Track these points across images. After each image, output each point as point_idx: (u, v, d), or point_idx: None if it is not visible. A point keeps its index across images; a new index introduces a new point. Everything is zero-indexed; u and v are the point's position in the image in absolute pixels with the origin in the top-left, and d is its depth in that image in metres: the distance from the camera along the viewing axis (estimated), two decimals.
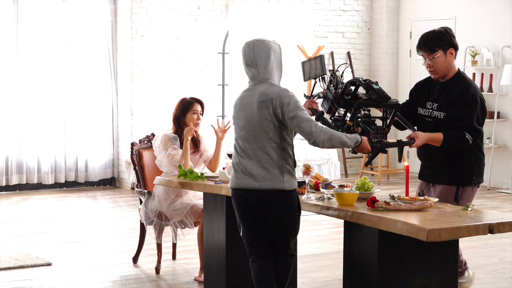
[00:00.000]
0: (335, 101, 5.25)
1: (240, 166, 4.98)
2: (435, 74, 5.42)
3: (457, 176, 5.43)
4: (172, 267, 7.24)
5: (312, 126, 4.83)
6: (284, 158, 4.94)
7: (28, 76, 11.61)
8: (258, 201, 4.95)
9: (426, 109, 5.50)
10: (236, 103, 5.06)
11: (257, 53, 4.95)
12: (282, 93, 4.88)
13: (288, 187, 4.94)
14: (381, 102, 5.17)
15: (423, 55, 5.41)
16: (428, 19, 13.20)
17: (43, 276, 6.90)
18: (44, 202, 10.88)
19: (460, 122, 5.28)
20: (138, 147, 7.24)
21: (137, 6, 11.86)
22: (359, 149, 5.05)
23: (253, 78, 5.00)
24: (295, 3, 13.00)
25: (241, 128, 4.99)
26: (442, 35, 5.37)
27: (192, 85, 12.27)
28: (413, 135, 5.28)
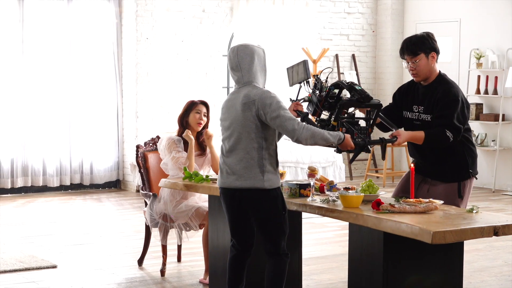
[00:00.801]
0: (320, 104, 5.41)
1: (225, 166, 5.19)
2: (418, 76, 5.55)
3: (455, 172, 5.54)
4: (177, 270, 7.25)
5: (294, 124, 5.02)
6: (265, 158, 5.12)
7: (33, 79, 11.63)
8: (241, 199, 5.16)
9: (413, 113, 5.62)
10: (223, 106, 5.27)
11: (241, 57, 5.16)
12: (264, 94, 5.07)
13: (268, 186, 5.09)
14: (363, 102, 5.32)
15: (406, 58, 5.55)
16: (433, 21, 13.21)
17: (48, 278, 6.91)
18: (49, 204, 10.90)
19: (440, 120, 5.41)
20: (143, 149, 7.25)
21: (142, 9, 11.88)
22: (342, 146, 5.19)
23: (238, 81, 5.21)
24: (300, 6, 13.01)
25: (226, 129, 5.20)
26: (424, 39, 5.55)
27: (196, 87, 12.29)
28: (395, 133, 5.43)
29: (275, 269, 5.21)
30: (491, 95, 12.26)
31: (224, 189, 5.25)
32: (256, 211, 5.16)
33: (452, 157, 5.53)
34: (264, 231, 5.20)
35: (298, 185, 5.49)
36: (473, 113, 12.39)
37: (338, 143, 5.15)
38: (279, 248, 5.20)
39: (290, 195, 5.48)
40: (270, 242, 5.20)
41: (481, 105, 12.42)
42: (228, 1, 12.52)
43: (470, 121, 12.31)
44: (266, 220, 5.16)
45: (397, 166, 13.66)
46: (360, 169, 13.92)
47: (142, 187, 7.21)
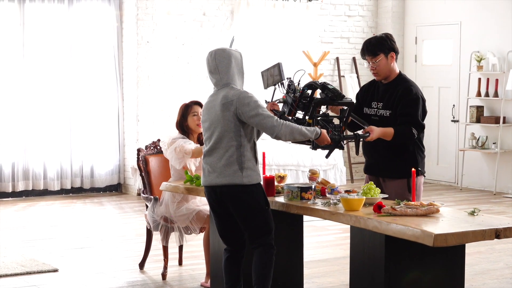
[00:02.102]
0: (295, 104, 5.59)
1: (206, 164, 5.37)
2: (378, 76, 5.81)
3: (405, 168, 5.66)
4: (179, 273, 7.25)
5: (273, 121, 5.21)
6: (244, 155, 5.27)
7: (34, 82, 11.63)
8: (221, 196, 5.31)
9: (372, 109, 5.85)
10: (204, 108, 5.46)
11: (219, 60, 5.35)
12: (241, 94, 5.26)
13: (247, 182, 5.25)
14: (336, 100, 5.53)
15: (366, 58, 5.79)
16: (434, 24, 13.21)
17: (49, 282, 6.91)
18: (50, 208, 10.89)
19: (406, 118, 5.65)
20: (144, 153, 7.25)
21: (142, 12, 11.88)
22: (319, 141, 5.39)
23: (216, 84, 5.40)
24: (301, 9, 13.01)
25: (206, 130, 5.39)
26: (383, 40, 5.78)
27: (197, 91, 12.28)
28: (368, 129, 5.61)
29: (260, 260, 5.31)
30: (491, 97, 12.25)
31: (207, 187, 5.41)
32: (237, 207, 5.30)
33: (403, 154, 5.74)
34: (247, 227, 5.33)
35: (299, 188, 5.50)
36: (474, 115, 12.38)
37: (315, 138, 5.35)
38: (264, 243, 5.32)
39: (291, 198, 5.48)
40: (254, 238, 5.34)
41: (481, 108, 12.42)
42: (228, 4, 12.53)
43: (471, 123, 12.37)
44: (248, 216, 5.30)
45: None
46: (361, 172, 13.92)
47: (143, 191, 7.21)
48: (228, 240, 5.50)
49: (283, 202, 5.51)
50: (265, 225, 5.33)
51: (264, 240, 5.33)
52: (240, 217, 5.34)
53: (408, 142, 5.71)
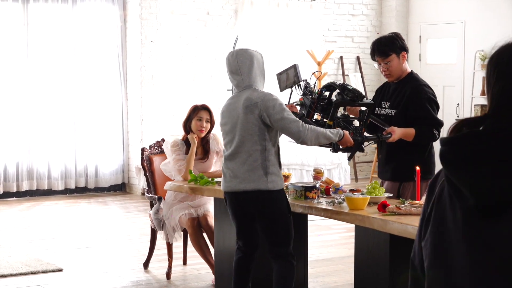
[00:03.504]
0: (313, 106, 5.48)
1: (228, 169, 5.22)
2: (391, 77, 5.68)
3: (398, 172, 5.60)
4: (183, 272, 7.25)
5: (299, 126, 5.06)
6: (269, 160, 5.12)
7: (38, 82, 11.64)
8: (245, 202, 5.18)
9: (381, 108, 5.75)
10: (223, 110, 5.31)
11: (241, 61, 5.21)
12: (266, 97, 5.11)
13: (272, 188, 5.11)
14: (357, 100, 5.41)
15: (377, 60, 5.64)
16: (438, 23, 13.20)
17: (54, 282, 6.91)
18: (54, 208, 10.90)
19: (424, 121, 5.52)
20: (148, 152, 7.25)
21: (146, 12, 11.89)
22: (342, 142, 5.28)
23: (237, 85, 5.27)
24: (304, 8, 13.01)
25: (227, 133, 5.24)
26: (394, 39, 5.67)
27: (201, 90, 12.29)
28: (389, 130, 5.49)
29: (282, 272, 5.18)
30: None
31: (228, 193, 5.27)
32: (260, 213, 5.17)
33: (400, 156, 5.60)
34: (269, 233, 5.20)
35: (303, 188, 5.49)
36: (478, 114, 12.37)
37: (338, 139, 5.23)
38: (285, 251, 5.19)
39: (296, 197, 5.47)
40: (274, 245, 5.20)
41: (486, 107, 12.37)
42: (232, 3, 12.52)
43: None
44: (271, 222, 5.17)
45: None
46: (365, 171, 13.91)
47: (147, 190, 7.22)
48: (245, 242, 5.39)
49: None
50: (286, 232, 5.20)
51: (285, 250, 5.20)
52: (262, 223, 5.22)
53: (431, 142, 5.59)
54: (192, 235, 6.67)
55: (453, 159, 2.05)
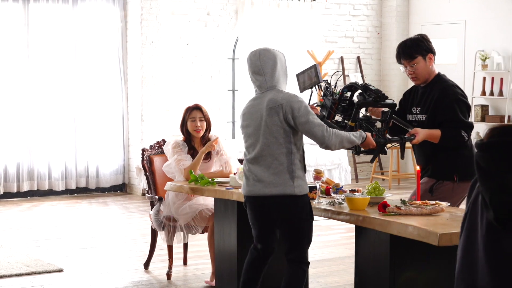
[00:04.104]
0: (334, 106, 5.36)
1: (251, 173, 5.04)
2: (417, 80, 5.52)
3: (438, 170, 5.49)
4: (184, 273, 7.24)
5: (323, 130, 4.91)
6: (294, 164, 4.98)
7: (39, 83, 11.64)
8: (269, 207, 5.01)
9: (412, 114, 5.61)
10: (244, 112, 5.13)
11: (264, 61, 5.04)
12: (291, 98, 4.95)
13: (298, 192, 4.97)
14: (379, 101, 5.27)
15: (403, 63, 5.51)
16: (438, 23, 13.19)
17: (54, 282, 6.91)
18: (55, 208, 10.90)
19: (451, 124, 5.38)
20: (149, 153, 7.26)
21: (147, 12, 11.89)
22: (364, 145, 5.14)
23: (260, 86, 5.08)
24: (305, 8, 13.01)
25: (249, 136, 5.07)
26: (420, 41, 5.51)
27: (202, 90, 12.29)
28: (413, 131, 5.37)
29: (294, 278, 5.11)
30: (496, 96, 12.24)
31: (251, 197, 5.08)
32: (285, 218, 5.02)
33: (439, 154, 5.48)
34: (290, 238, 5.08)
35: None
36: (478, 114, 12.37)
37: (361, 142, 5.11)
38: (302, 257, 5.11)
39: None
40: (294, 250, 5.09)
41: (486, 107, 12.41)
42: (233, 4, 12.53)
43: (476, 122, 12.35)
44: (293, 227, 5.04)
45: (403, 168, 13.64)
46: (365, 172, 13.91)
47: (148, 191, 7.22)
48: (264, 247, 5.23)
49: None
50: (306, 237, 5.09)
51: (302, 255, 5.10)
52: (284, 228, 5.07)
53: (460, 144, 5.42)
54: (212, 231, 6.61)
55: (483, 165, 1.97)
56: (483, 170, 1.96)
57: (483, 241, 2.01)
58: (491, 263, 1.97)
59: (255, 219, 5.14)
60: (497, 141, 1.98)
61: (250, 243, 5.38)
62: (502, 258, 1.95)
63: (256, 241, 5.24)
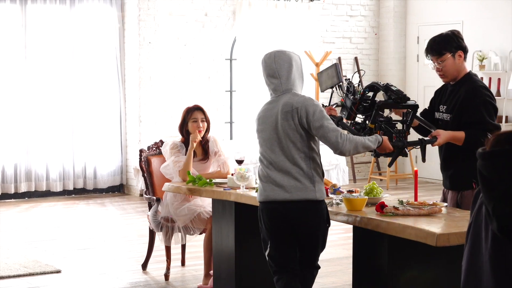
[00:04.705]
0: (354, 107, 5.21)
1: (269, 178, 4.89)
2: (445, 77, 5.33)
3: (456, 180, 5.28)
4: (181, 274, 7.25)
5: (338, 136, 4.78)
6: (314, 168, 4.87)
7: (36, 84, 11.64)
8: (290, 212, 4.86)
9: (439, 113, 5.41)
10: (260, 116, 4.98)
11: (279, 64, 4.91)
12: (307, 102, 4.82)
13: (319, 197, 4.87)
14: (401, 102, 5.12)
15: (431, 59, 5.34)
16: (436, 24, 13.20)
17: (52, 283, 6.91)
18: (52, 209, 10.90)
19: (479, 126, 5.15)
20: (147, 153, 7.25)
21: (144, 13, 11.89)
22: (381, 149, 5.00)
23: (275, 89, 4.94)
24: (302, 9, 13.01)
25: (266, 141, 4.92)
26: (450, 38, 5.30)
27: (199, 91, 12.29)
28: (434, 133, 5.17)
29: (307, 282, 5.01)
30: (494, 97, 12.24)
31: (269, 203, 4.90)
32: (302, 224, 4.89)
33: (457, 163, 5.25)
34: (306, 243, 4.96)
35: None
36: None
37: (377, 146, 4.96)
38: (314, 261, 5.03)
39: None
40: (307, 255, 4.99)
41: None
42: (230, 5, 12.53)
43: None
44: (311, 233, 4.93)
45: (401, 168, 13.65)
46: (363, 172, 13.92)
47: (146, 191, 7.21)
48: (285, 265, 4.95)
49: None
50: (322, 242, 5.00)
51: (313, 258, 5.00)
52: (301, 234, 4.92)
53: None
54: (210, 233, 6.61)
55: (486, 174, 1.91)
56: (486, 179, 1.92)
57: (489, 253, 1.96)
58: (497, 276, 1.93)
59: (272, 227, 4.92)
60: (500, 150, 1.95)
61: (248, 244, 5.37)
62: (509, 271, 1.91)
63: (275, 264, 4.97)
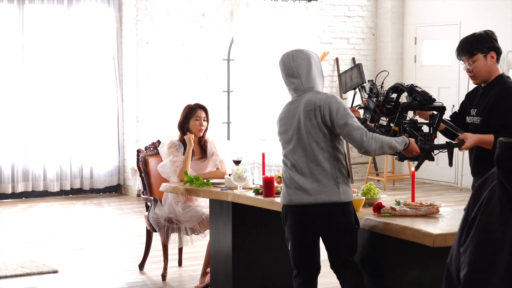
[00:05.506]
0: (378, 109, 5.05)
1: (292, 181, 4.77)
2: (475, 79, 5.18)
3: None
4: (178, 274, 7.24)
5: (363, 134, 4.66)
6: (338, 169, 4.76)
7: (34, 84, 11.63)
8: (314, 216, 4.75)
9: (470, 117, 5.24)
10: (281, 117, 4.88)
11: (298, 62, 4.80)
12: (330, 99, 4.70)
13: (344, 199, 4.73)
14: (426, 104, 4.97)
15: (462, 59, 5.17)
16: (433, 25, 13.21)
17: (49, 283, 6.90)
18: (50, 209, 10.89)
19: (510, 129, 4.97)
20: (144, 154, 7.25)
21: (142, 13, 11.88)
22: (407, 151, 4.83)
23: (296, 89, 4.82)
24: (300, 10, 13.01)
25: (288, 142, 4.81)
26: (483, 37, 5.17)
27: (197, 91, 12.29)
28: (462, 137, 5.01)
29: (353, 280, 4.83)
30: None
31: (292, 206, 4.79)
32: (329, 228, 4.77)
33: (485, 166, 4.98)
34: (335, 249, 4.84)
35: None
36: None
37: (404, 148, 4.79)
38: (349, 262, 4.84)
39: None
40: (339, 259, 4.86)
41: None
42: (228, 5, 12.53)
43: None
44: (338, 237, 4.78)
45: (398, 169, 13.65)
46: (360, 173, 13.92)
47: (143, 192, 7.21)
48: (305, 261, 4.91)
49: None
50: (352, 246, 4.81)
51: (348, 261, 4.83)
52: (328, 238, 4.81)
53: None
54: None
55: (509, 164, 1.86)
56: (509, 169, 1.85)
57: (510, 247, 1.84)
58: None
59: (296, 231, 4.83)
60: None
61: (245, 244, 5.37)
62: None
63: (295, 263, 4.93)
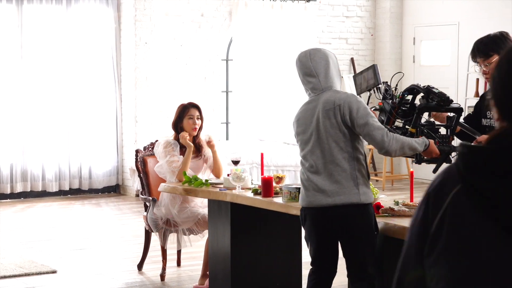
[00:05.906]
0: (394, 111, 4.96)
1: (310, 182, 4.69)
2: None
3: None
4: (177, 274, 7.24)
5: (383, 134, 4.58)
6: (358, 169, 4.66)
7: (32, 84, 11.63)
8: (332, 218, 4.66)
9: (487, 119, 5.19)
10: (298, 118, 4.80)
11: (316, 61, 4.73)
12: (349, 98, 4.63)
13: (364, 200, 4.64)
14: (444, 105, 4.90)
15: (478, 61, 5.12)
16: (432, 25, 13.22)
17: (48, 283, 6.90)
18: (48, 209, 10.89)
19: None
20: (143, 154, 7.25)
21: (140, 14, 11.88)
22: (427, 153, 4.77)
23: (314, 88, 4.74)
24: (299, 10, 13.02)
25: (306, 143, 4.73)
26: (498, 39, 5.11)
27: (196, 92, 12.28)
28: (479, 139, 4.91)
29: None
30: None
31: (311, 209, 4.71)
32: (349, 230, 4.66)
33: None
34: (352, 252, 4.73)
35: (297, 189, 5.46)
36: None
37: (424, 150, 4.72)
38: (365, 273, 4.72)
39: (290, 199, 5.46)
40: (356, 266, 4.74)
41: None
42: (226, 5, 12.53)
43: None
44: (357, 240, 4.68)
45: (396, 169, 13.65)
46: None
47: (142, 192, 7.21)
48: (323, 264, 4.83)
49: (282, 203, 5.50)
50: (371, 251, 4.68)
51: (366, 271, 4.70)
52: (347, 241, 4.72)
53: None
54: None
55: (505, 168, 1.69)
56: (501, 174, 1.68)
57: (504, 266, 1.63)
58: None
59: (315, 233, 4.74)
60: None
61: (244, 244, 5.37)
62: None
63: (313, 262, 4.87)
